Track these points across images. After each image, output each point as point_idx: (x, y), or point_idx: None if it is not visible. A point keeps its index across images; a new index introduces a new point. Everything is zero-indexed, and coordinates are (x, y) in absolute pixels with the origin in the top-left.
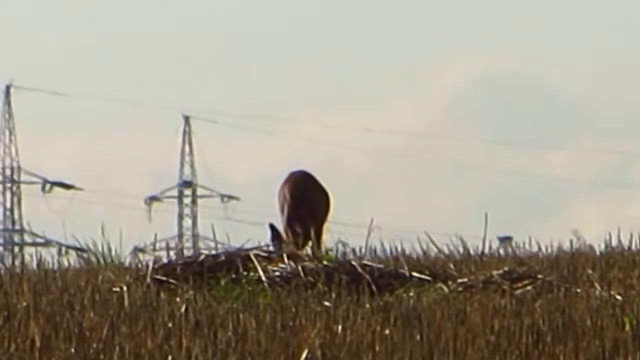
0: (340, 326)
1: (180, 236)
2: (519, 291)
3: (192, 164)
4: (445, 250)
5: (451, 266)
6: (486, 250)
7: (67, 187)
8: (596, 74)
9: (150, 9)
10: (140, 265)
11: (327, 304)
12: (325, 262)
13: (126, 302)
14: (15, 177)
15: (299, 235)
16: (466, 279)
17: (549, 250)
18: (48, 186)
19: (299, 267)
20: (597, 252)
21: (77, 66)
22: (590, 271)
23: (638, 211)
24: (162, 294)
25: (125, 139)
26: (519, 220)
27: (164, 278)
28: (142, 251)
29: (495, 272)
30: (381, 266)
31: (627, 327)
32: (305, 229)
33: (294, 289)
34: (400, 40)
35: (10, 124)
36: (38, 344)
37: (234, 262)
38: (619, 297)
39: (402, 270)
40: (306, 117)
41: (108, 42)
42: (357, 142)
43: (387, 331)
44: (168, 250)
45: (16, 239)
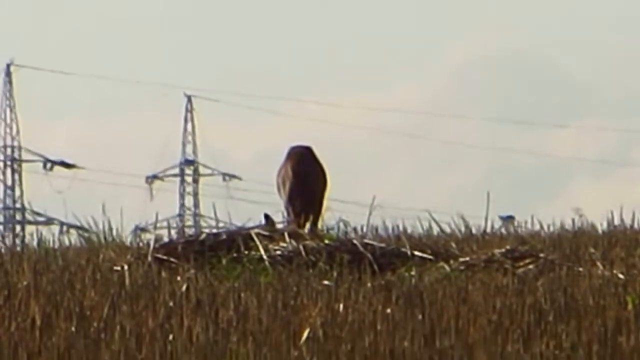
0: (341, 305)
1: (181, 215)
2: (521, 270)
3: (193, 143)
4: (447, 229)
5: (453, 245)
6: (488, 229)
7: (68, 166)
8: (600, 52)
9: None
10: (141, 244)
11: (329, 282)
12: (326, 241)
13: (127, 281)
14: (17, 156)
15: (300, 213)
16: (468, 258)
17: (551, 229)
18: (49, 165)
19: (301, 246)
20: (600, 231)
21: (79, 45)
22: (592, 250)
23: None
24: (163, 273)
25: (126, 117)
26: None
27: (165, 257)
28: (144, 230)
29: (497, 251)
30: (383, 245)
31: (630, 306)
32: (306, 205)
33: (295, 268)
34: (402, 20)
35: (11, 103)
36: (39, 322)
37: (235, 241)
38: (621, 276)
39: (404, 249)
40: (308, 97)
41: (109, 21)
42: (359, 121)
43: (388, 310)
44: (169, 229)
45: (17, 217)
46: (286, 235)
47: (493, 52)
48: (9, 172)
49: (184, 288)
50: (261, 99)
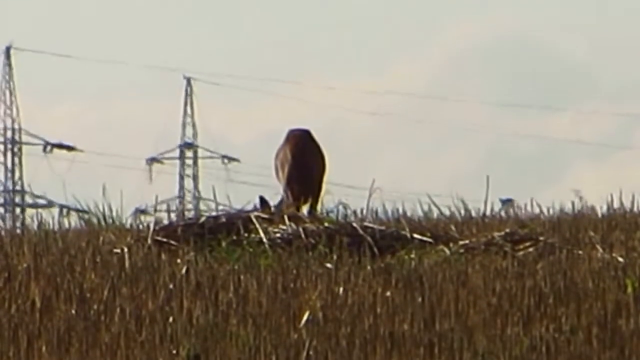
0: (341, 288)
1: (181, 198)
2: (520, 253)
3: (193, 126)
4: (447, 212)
5: (452, 228)
6: (488, 212)
7: (68, 148)
8: (600, 35)
9: None
10: (141, 226)
11: (328, 265)
12: (326, 224)
13: (127, 264)
14: (16, 139)
15: (299, 196)
16: (468, 241)
17: (550, 212)
18: (49, 147)
19: (300, 229)
20: (599, 214)
21: (78, 28)
22: (592, 233)
23: None
24: (163, 256)
25: (126, 100)
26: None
27: (165, 239)
28: (143, 212)
29: (496, 234)
30: (382, 228)
31: (629, 289)
32: (305, 188)
33: (295, 250)
34: (402, 3)
35: (10, 86)
36: (39, 305)
37: (235, 223)
38: (620, 259)
39: (404, 232)
40: (307, 79)
41: (109, 4)
42: (358, 104)
43: (388, 293)
44: (169, 211)
45: (17, 200)
46: (286, 218)
47: (493, 36)
48: (9, 154)
49: (183, 271)
50: (261, 81)
